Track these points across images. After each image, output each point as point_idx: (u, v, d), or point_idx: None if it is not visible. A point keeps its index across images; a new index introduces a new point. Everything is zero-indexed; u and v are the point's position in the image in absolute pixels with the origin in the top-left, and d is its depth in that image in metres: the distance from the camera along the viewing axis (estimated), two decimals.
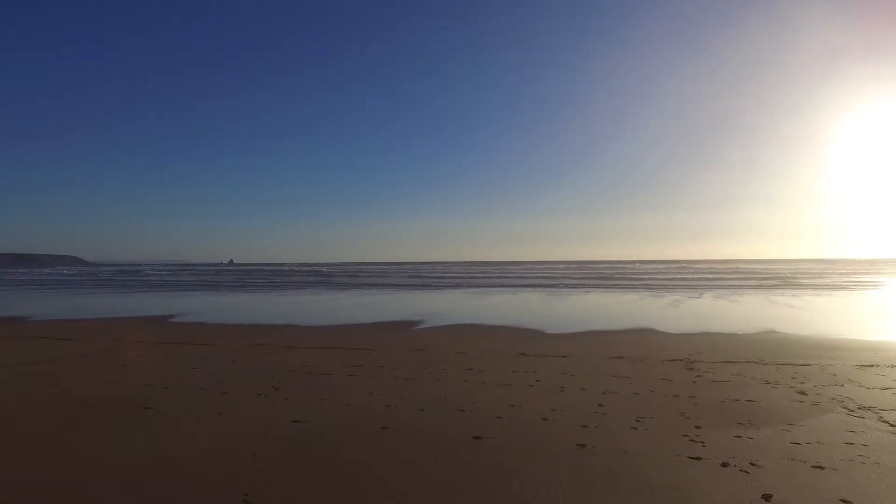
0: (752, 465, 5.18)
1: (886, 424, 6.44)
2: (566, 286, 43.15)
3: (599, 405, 7.42)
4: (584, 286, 43.16)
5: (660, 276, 61.55)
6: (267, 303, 29.30)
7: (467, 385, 8.69)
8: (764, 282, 46.60)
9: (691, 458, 5.39)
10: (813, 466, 5.13)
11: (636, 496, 4.53)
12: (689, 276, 60.20)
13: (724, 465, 5.19)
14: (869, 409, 7.15)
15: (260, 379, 9.19)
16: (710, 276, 62.08)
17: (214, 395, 8.08)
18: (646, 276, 62.23)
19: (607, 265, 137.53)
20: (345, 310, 24.45)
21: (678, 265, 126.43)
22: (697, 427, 6.38)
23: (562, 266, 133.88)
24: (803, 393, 8.02)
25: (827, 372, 9.56)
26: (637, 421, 6.65)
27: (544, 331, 16.18)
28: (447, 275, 72.31)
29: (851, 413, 6.95)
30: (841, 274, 62.94)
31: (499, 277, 64.30)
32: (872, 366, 10.08)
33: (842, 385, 8.54)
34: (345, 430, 6.36)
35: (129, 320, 20.31)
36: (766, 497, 4.48)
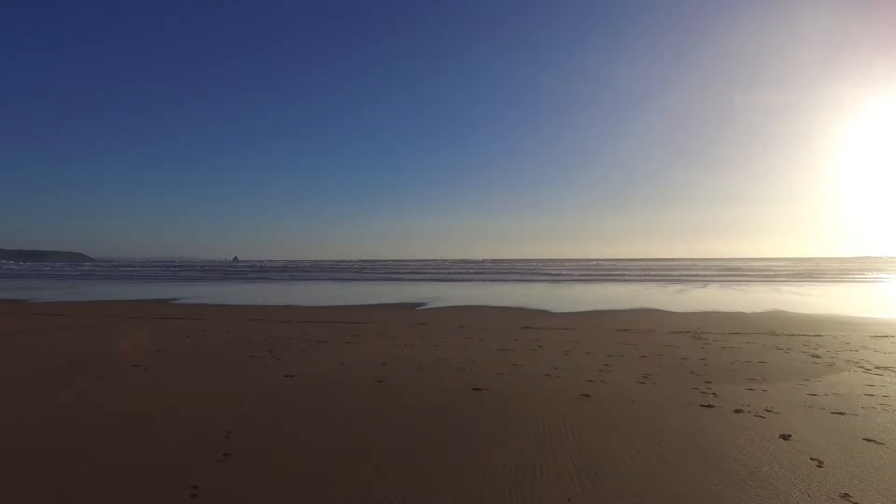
0: (768, 411, 4.88)
1: None
2: (571, 279, 42.78)
3: (605, 364, 7.13)
4: (589, 279, 42.78)
5: (663, 272, 61.05)
6: (269, 289, 29.07)
7: (466, 350, 8.41)
8: (770, 275, 46.09)
9: (703, 405, 5.10)
10: (833, 413, 4.83)
11: (646, 439, 4.24)
12: (694, 271, 59.67)
13: (738, 411, 4.89)
14: (887, 368, 6.83)
15: (255, 345, 8.94)
16: (714, 271, 61.53)
17: (206, 357, 7.83)
18: (649, 272, 61.74)
19: (611, 262, 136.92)
20: (347, 295, 24.20)
21: (682, 262, 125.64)
22: (708, 382, 6.08)
23: (566, 263, 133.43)
24: (817, 356, 7.70)
25: (840, 341, 9.23)
26: (644, 377, 6.36)
27: (550, 310, 15.88)
28: (453, 269, 71.98)
29: (869, 371, 6.64)
30: (849, 269, 62.24)
31: (504, 272, 63.96)
32: (887, 336, 9.74)
33: (856, 350, 8.22)
34: (338, 384, 6.09)
35: (129, 302, 20.12)
36: (785, 436, 4.18)
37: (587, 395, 5.48)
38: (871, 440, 4.09)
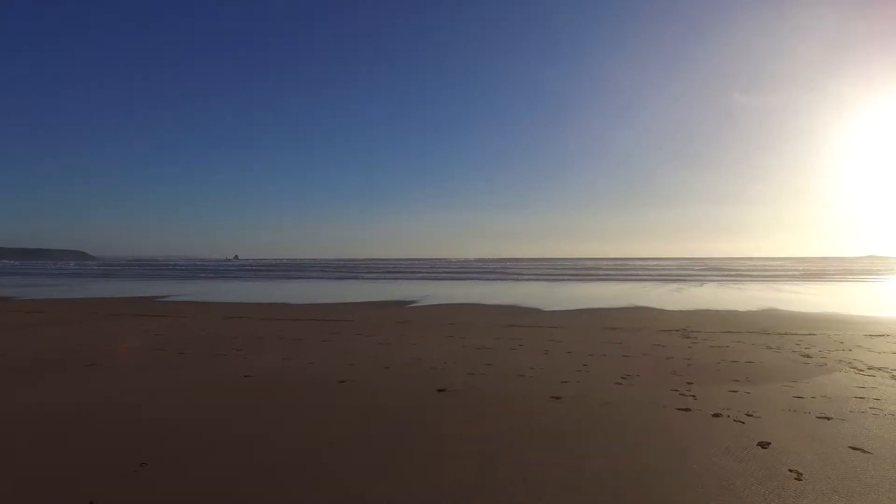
0: (748, 415, 4.54)
1: None
2: (568, 278, 42.43)
3: (584, 365, 6.78)
4: (586, 278, 42.44)
5: (661, 270, 60.65)
6: (261, 287, 28.74)
7: (443, 348, 8.07)
8: (769, 274, 45.68)
9: (680, 409, 4.75)
10: (818, 417, 4.49)
11: (616, 442, 3.90)
12: (692, 270, 59.27)
13: (717, 415, 4.55)
14: (880, 369, 6.48)
15: (224, 343, 8.61)
16: (713, 270, 61.12)
17: (170, 356, 7.50)
18: (647, 270, 61.36)
19: (610, 261, 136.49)
20: (339, 293, 23.87)
21: (681, 261, 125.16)
22: (689, 383, 5.74)
23: (566, 262, 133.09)
24: (808, 356, 7.35)
25: (833, 340, 8.88)
26: (623, 378, 6.02)
27: (541, 308, 15.53)
28: (451, 268, 71.65)
29: (861, 372, 6.29)
30: (851, 268, 61.77)
31: (501, 271, 63.63)
32: (882, 335, 9.39)
33: (850, 350, 7.87)
34: (299, 384, 5.76)
35: (114, 300, 19.80)
36: (763, 444, 3.84)
37: (558, 398, 5.14)
38: (857, 448, 3.75)
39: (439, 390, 5.43)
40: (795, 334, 9.55)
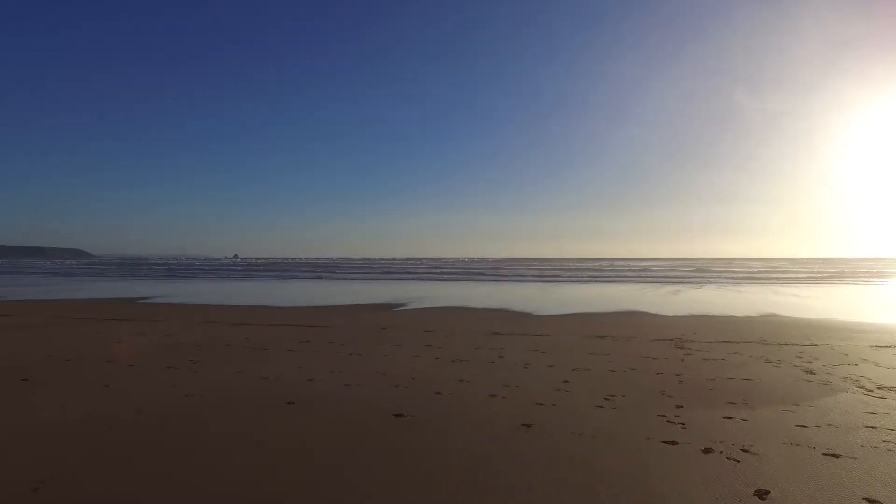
0: (745, 451, 3.93)
1: None
2: (564, 279, 41.84)
3: (564, 381, 6.17)
4: (583, 279, 41.85)
5: (660, 271, 60.07)
6: (250, 288, 28.13)
7: (416, 360, 7.46)
8: (770, 276, 45.08)
9: (666, 442, 4.14)
10: (825, 454, 3.88)
11: (587, 487, 3.30)
12: (691, 271, 58.66)
13: (708, 451, 3.94)
14: (890, 388, 5.87)
15: (184, 352, 8.01)
16: (712, 271, 60.52)
17: (117, 368, 6.90)
18: (646, 271, 60.78)
19: (609, 261, 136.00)
20: (329, 295, 23.26)
21: (681, 261, 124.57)
22: (679, 406, 5.13)
23: (561, 262, 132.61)
24: (811, 372, 6.75)
25: (837, 352, 8.28)
26: (605, 399, 5.41)
27: (532, 313, 14.94)
28: (448, 268, 71.03)
29: (870, 393, 5.68)
30: (854, 270, 61.15)
31: (497, 271, 63.07)
32: (889, 346, 8.78)
33: (855, 364, 7.27)
34: (243, 405, 5.15)
35: (91, 302, 19.19)
36: (761, 493, 3.24)
37: (528, 426, 4.53)
38: (872, 501, 3.14)
39: (396, 415, 4.82)
40: (796, 345, 8.94)
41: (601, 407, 5.13)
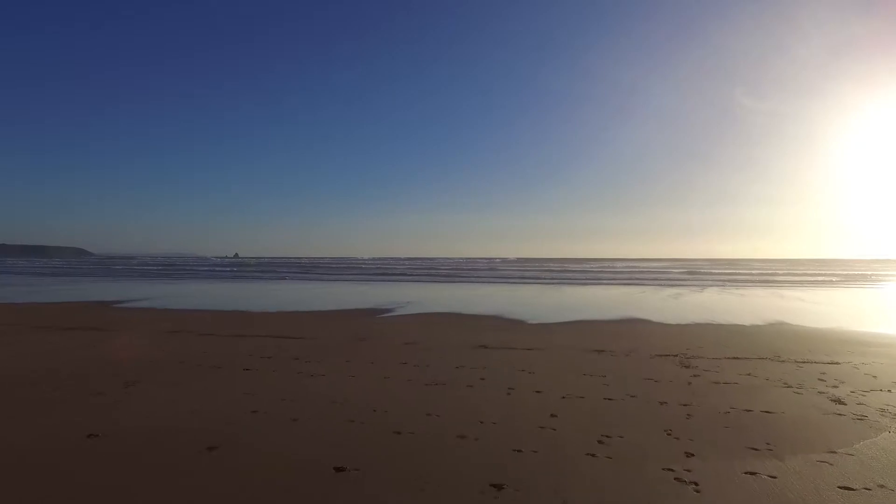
0: None
1: None
2: (563, 281, 40.91)
3: (552, 416, 5.23)
4: (580, 281, 40.93)
5: (660, 272, 59.11)
6: (235, 290, 27.19)
7: (385, 384, 6.52)
8: (773, 277, 44.12)
9: None
10: None
11: None
12: (692, 272, 57.70)
13: None
14: None
15: (124, 372, 7.07)
16: (715, 272, 59.55)
17: (37, 391, 5.96)
18: (647, 272, 59.82)
19: (610, 262, 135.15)
20: (316, 298, 22.30)
21: (682, 262, 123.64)
22: (688, 455, 4.18)
23: (560, 262, 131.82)
24: (839, 402, 5.80)
25: (863, 373, 7.34)
26: (600, 443, 4.47)
27: (526, 321, 13.97)
28: (446, 268, 69.99)
29: None
30: (862, 271, 60.14)
31: (495, 272, 62.14)
32: None
33: (889, 390, 6.33)
34: (152, 449, 4.21)
35: (60, 305, 18.24)
36: None
37: (498, 487, 3.59)
38: None
39: (337, 469, 3.87)
40: (815, 363, 7.99)
41: (593, 455, 4.18)
